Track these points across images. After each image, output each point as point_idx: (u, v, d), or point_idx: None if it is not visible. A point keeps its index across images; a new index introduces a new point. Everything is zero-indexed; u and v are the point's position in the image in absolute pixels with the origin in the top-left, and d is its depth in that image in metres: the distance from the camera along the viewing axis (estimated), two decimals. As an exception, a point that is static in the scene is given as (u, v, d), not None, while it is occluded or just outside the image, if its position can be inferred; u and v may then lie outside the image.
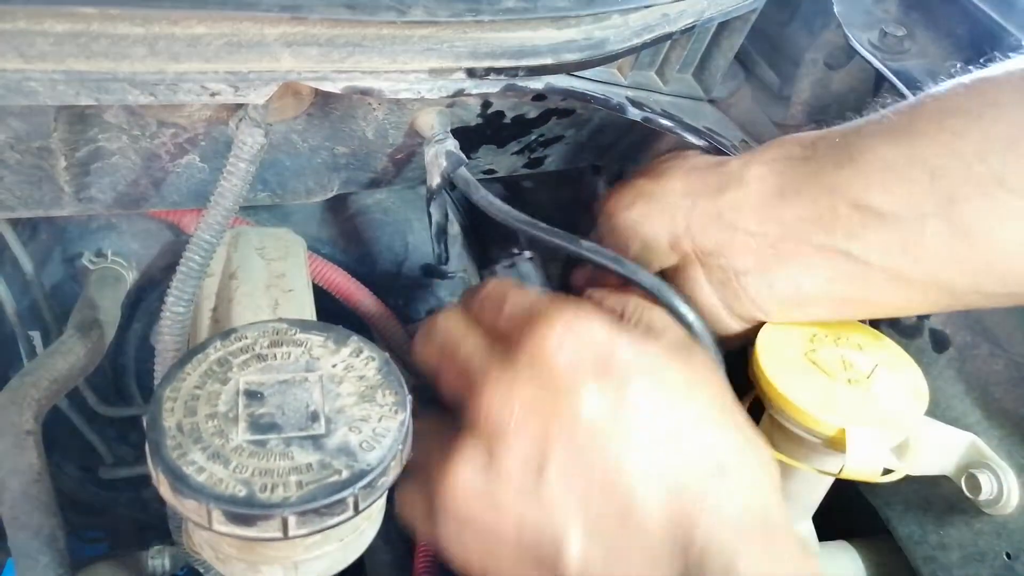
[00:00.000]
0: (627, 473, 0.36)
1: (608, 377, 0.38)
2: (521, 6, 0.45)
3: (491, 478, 0.37)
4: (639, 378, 0.38)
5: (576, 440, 0.37)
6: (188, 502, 0.32)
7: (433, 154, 0.53)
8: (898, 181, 0.44)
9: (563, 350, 0.38)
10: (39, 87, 0.40)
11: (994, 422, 0.51)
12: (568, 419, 0.37)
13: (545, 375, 0.37)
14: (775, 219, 0.48)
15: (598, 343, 0.39)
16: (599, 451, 0.37)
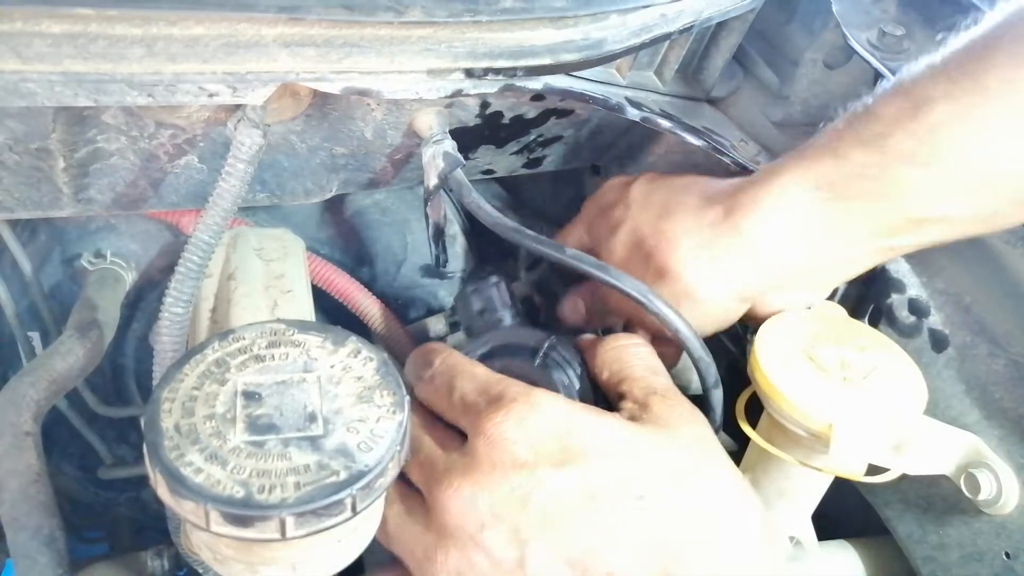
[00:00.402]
0: (602, 556, 0.37)
1: (569, 463, 0.38)
2: (519, 6, 0.45)
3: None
4: (600, 459, 0.38)
5: (549, 532, 0.37)
6: (186, 503, 0.32)
7: (431, 155, 0.53)
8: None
9: (519, 442, 0.38)
10: (37, 88, 0.40)
11: (993, 422, 0.51)
12: (537, 513, 0.37)
13: (507, 471, 0.38)
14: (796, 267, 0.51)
15: (554, 428, 0.39)
16: (573, 539, 0.37)
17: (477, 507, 0.38)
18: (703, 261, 0.50)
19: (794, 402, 0.46)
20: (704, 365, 0.49)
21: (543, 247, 0.49)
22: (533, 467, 0.38)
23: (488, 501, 0.38)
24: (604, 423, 0.40)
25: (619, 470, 0.38)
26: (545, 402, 0.40)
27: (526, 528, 0.37)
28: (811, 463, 0.49)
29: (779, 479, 0.53)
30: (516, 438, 0.39)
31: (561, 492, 0.37)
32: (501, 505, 0.38)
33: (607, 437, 0.39)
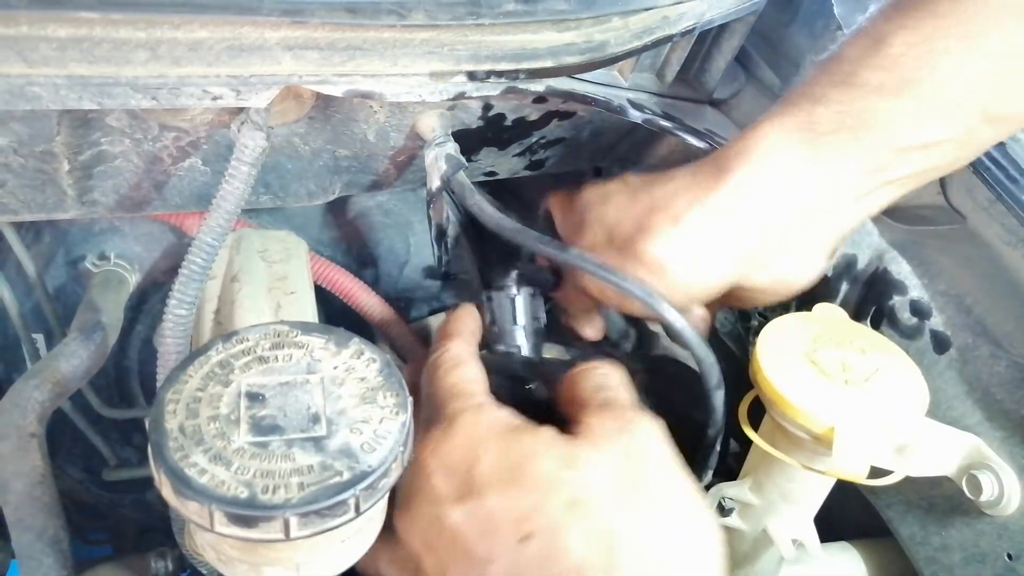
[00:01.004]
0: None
1: (469, 497, 0.38)
2: (521, 9, 0.45)
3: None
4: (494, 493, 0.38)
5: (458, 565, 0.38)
6: (190, 504, 0.32)
7: (433, 157, 0.53)
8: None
9: (435, 472, 0.40)
10: (42, 92, 0.41)
11: (995, 423, 0.51)
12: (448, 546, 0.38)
13: (423, 504, 0.40)
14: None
15: (462, 458, 0.39)
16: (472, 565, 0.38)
17: (414, 536, 0.40)
18: (687, 230, 0.49)
19: (796, 405, 0.46)
20: (707, 366, 0.49)
21: (546, 247, 0.49)
22: (441, 501, 0.39)
23: (417, 530, 0.40)
24: (512, 447, 0.39)
25: (508, 504, 0.38)
26: (466, 425, 0.40)
27: (442, 557, 0.39)
28: (814, 466, 0.49)
29: (782, 482, 0.53)
30: (433, 468, 0.40)
31: (460, 527, 0.38)
32: (426, 534, 0.39)
33: (510, 465, 0.39)
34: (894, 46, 0.46)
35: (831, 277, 0.59)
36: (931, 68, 0.45)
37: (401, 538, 0.41)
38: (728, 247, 0.49)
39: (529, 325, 0.54)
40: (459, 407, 0.41)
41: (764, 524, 0.54)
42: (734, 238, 0.49)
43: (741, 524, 0.56)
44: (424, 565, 0.40)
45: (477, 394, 0.43)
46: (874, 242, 0.57)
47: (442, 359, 0.46)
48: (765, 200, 0.48)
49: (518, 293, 0.54)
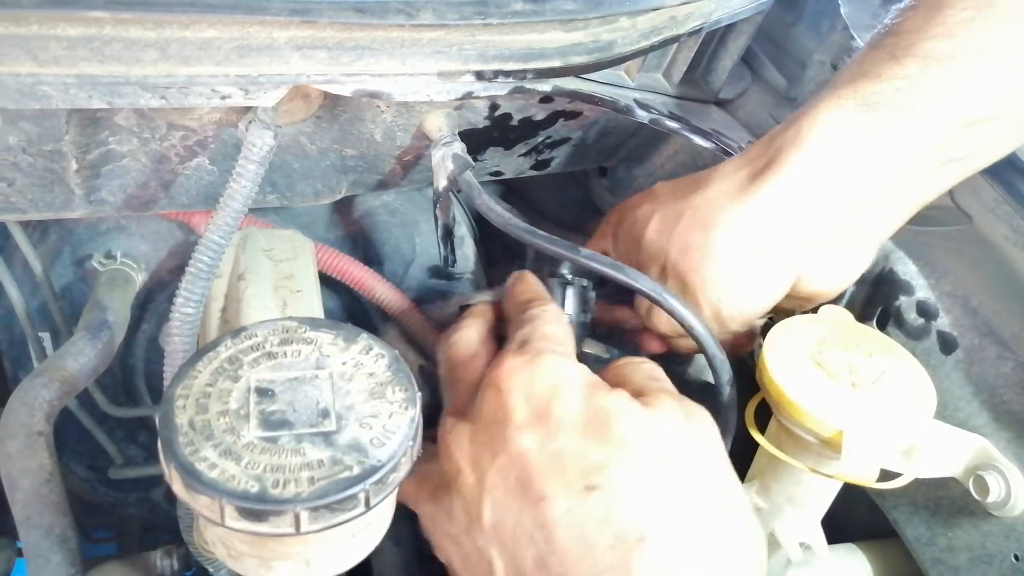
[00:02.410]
0: (544, 536, 0.36)
1: (542, 427, 0.38)
2: (529, 9, 0.45)
3: (454, 532, 0.40)
4: (570, 435, 0.38)
5: (506, 492, 0.38)
6: (201, 498, 0.32)
7: (440, 157, 0.53)
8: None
9: (510, 394, 0.39)
10: (52, 91, 0.41)
11: (1002, 424, 0.51)
12: (500, 469, 0.38)
13: (489, 422, 0.39)
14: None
15: (542, 390, 0.39)
16: (522, 510, 0.37)
17: (459, 451, 0.40)
18: (744, 226, 0.47)
19: (804, 409, 0.46)
20: (718, 363, 0.49)
21: (556, 248, 0.49)
22: (508, 422, 0.38)
23: (467, 447, 0.40)
24: (597, 399, 0.39)
25: (581, 451, 0.37)
26: (550, 363, 0.40)
27: (489, 479, 0.38)
28: (821, 469, 0.49)
29: (789, 485, 0.53)
30: (508, 389, 0.39)
31: (522, 455, 0.37)
32: (475, 454, 0.39)
33: (593, 413, 0.38)
34: (958, 13, 0.43)
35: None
36: (1001, 34, 0.43)
37: (444, 451, 0.40)
38: (777, 259, 0.47)
39: (575, 316, 0.54)
40: (547, 346, 0.41)
41: (771, 527, 0.54)
42: (790, 231, 0.46)
43: (747, 525, 0.56)
44: (462, 481, 0.39)
45: (567, 346, 0.43)
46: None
47: (544, 313, 0.45)
48: (822, 192, 0.46)
49: (571, 283, 0.54)
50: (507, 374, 0.40)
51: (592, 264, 0.48)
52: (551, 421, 0.38)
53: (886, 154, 0.45)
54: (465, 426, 0.40)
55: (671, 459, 0.38)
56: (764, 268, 0.47)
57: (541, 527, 0.36)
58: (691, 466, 0.38)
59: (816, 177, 0.46)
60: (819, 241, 0.47)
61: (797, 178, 0.46)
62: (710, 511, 0.37)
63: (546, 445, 0.37)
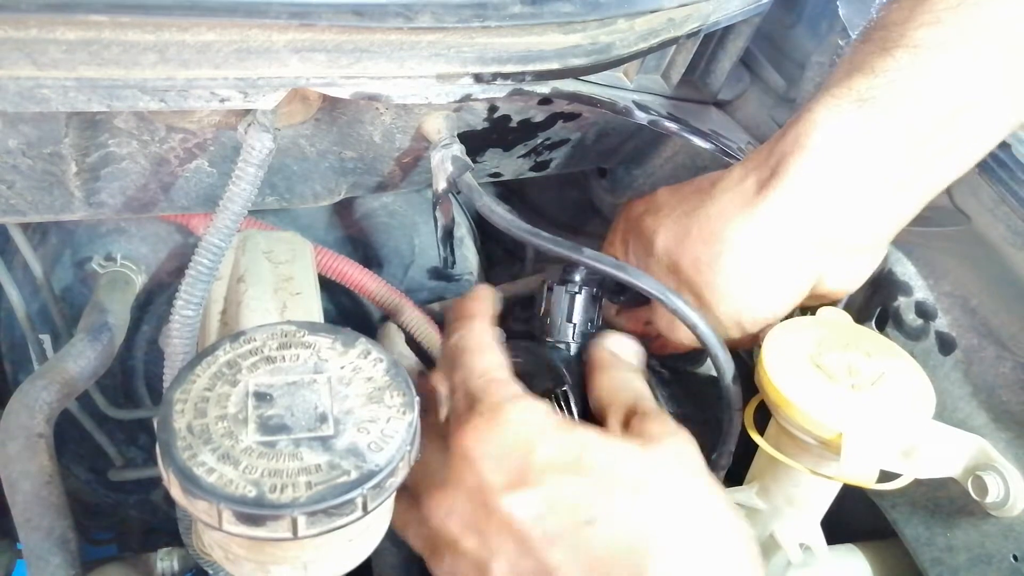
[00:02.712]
0: (561, 566, 0.37)
1: (524, 484, 0.38)
2: (527, 12, 0.45)
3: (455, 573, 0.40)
4: (554, 479, 0.38)
5: (506, 547, 0.38)
6: (199, 503, 0.32)
7: (439, 159, 0.53)
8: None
9: (483, 458, 0.39)
10: (51, 94, 0.41)
11: (1001, 424, 0.51)
12: (496, 529, 0.38)
13: (471, 489, 0.39)
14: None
15: (517, 445, 0.39)
16: (525, 557, 0.38)
17: (453, 520, 0.40)
18: (756, 236, 0.47)
19: (803, 410, 0.46)
20: (723, 363, 0.49)
21: (560, 248, 0.49)
22: (491, 489, 0.38)
23: (459, 515, 0.39)
24: (569, 437, 0.39)
25: (569, 491, 0.38)
26: (515, 416, 0.40)
27: (491, 541, 0.38)
28: (820, 471, 0.49)
29: (788, 487, 0.53)
30: (480, 455, 0.39)
31: (514, 513, 0.38)
32: (470, 518, 0.39)
33: (567, 454, 0.39)
34: (944, 1, 0.44)
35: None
36: (990, 15, 0.43)
37: (432, 521, 0.40)
38: (794, 265, 0.47)
39: (581, 324, 0.53)
40: (501, 396, 0.41)
41: (771, 529, 0.54)
42: (804, 235, 0.46)
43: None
44: (463, 546, 0.39)
45: (511, 383, 0.42)
46: (879, 243, 0.57)
47: (466, 342, 0.44)
48: (830, 194, 0.46)
49: (579, 291, 0.53)
50: (473, 442, 0.39)
51: (596, 264, 0.48)
52: (531, 476, 0.38)
53: (887, 148, 0.45)
54: (445, 498, 0.40)
55: (655, 480, 0.39)
56: (781, 275, 0.48)
57: (554, 570, 0.37)
58: (675, 483, 0.39)
59: (822, 180, 0.46)
60: (833, 241, 0.47)
61: (803, 183, 0.46)
62: (701, 517, 0.39)
63: (533, 499, 0.38)
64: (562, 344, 0.53)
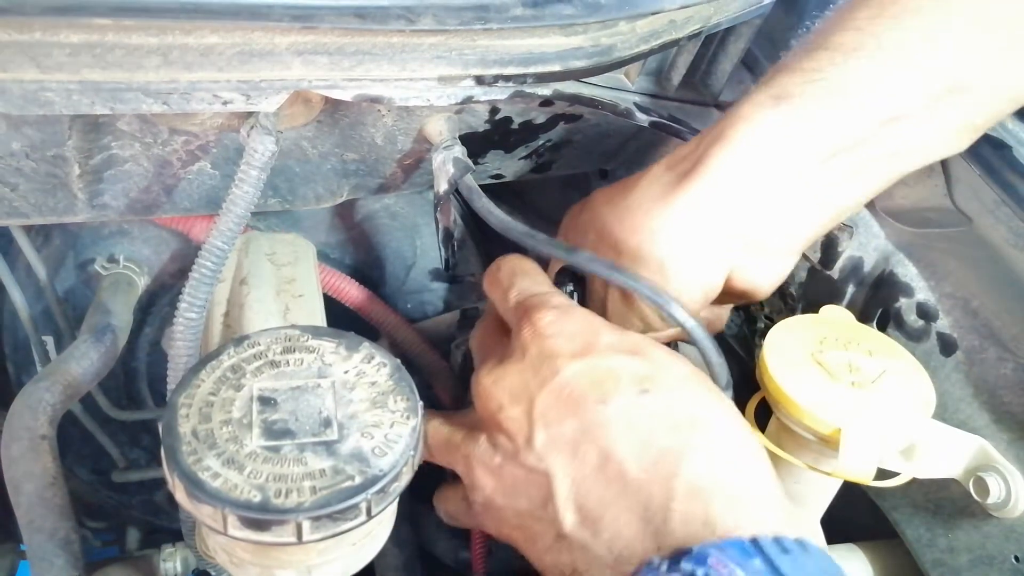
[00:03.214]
0: (604, 433, 0.39)
1: (590, 354, 0.41)
2: (529, 14, 0.45)
3: (496, 462, 0.42)
4: (617, 356, 0.42)
5: (556, 412, 0.40)
6: (203, 507, 0.32)
7: (441, 160, 0.53)
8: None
9: (553, 336, 0.42)
10: (55, 97, 0.41)
11: (1002, 425, 0.51)
12: (551, 395, 0.41)
13: (534, 358, 0.42)
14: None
15: (584, 328, 0.43)
16: (575, 419, 0.40)
17: (501, 388, 0.42)
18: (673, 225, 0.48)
19: (803, 407, 0.46)
20: (716, 366, 0.49)
21: (555, 250, 0.49)
22: (557, 355, 0.41)
23: (510, 383, 0.42)
24: (629, 334, 0.44)
25: (630, 366, 0.41)
26: (581, 312, 0.45)
27: (538, 408, 0.40)
28: (820, 467, 0.49)
29: (788, 483, 0.53)
30: (552, 332, 0.42)
31: (574, 377, 0.41)
32: (521, 387, 0.41)
33: (628, 342, 0.43)
34: (867, 7, 0.45)
35: (838, 279, 0.59)
36: (903, 28, 0.45)
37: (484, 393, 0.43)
38: (714, 236, 0.48)
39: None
40: (568, 301, 0.46)
41: (771, 526, 0.54)
42: (719, 226, 0.47)
43: (748, 526, 0.56)
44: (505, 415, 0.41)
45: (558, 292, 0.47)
46: (880, 244, 0.57)
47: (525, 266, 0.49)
48: (745, 188, 0.47)
49: (574, 292, 0.55)
50: (548, 323, 0.43)
51: (590, 266, 0.48)
52: (598, 349, 0.42)
53: (801, 148, 0.46)
54: (507, 367, 0.43)
55: (696, 378, 0.43)
56: (694, 266, 0.49)
57: (602, 424, 0.39)
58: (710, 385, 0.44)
59: (738, 174, 0.47)
60: (744, 237, 0.48)
61: (720, 177, 0.47)
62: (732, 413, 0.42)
63: (597, 366, 0.41)
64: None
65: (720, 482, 0.38)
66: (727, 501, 0.37)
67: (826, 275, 0.59)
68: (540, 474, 0.40)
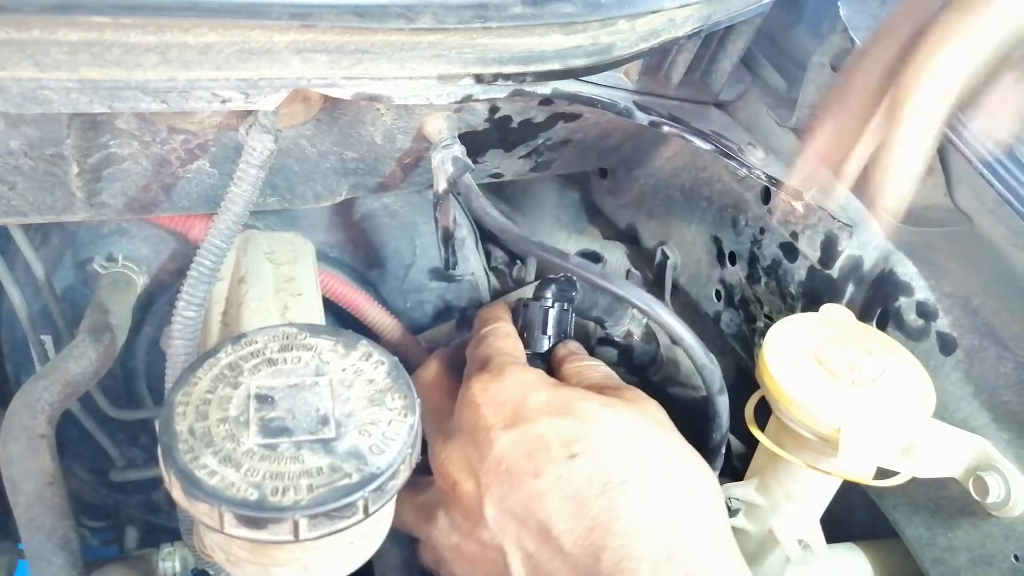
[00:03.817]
0: (541, 506, 0.40)
1: (519, 424, 0.43)
2: (528, 12, 0.45)
3: (454, 540, 0.44)
4: (545, 420, 0.43)
5: (498, 484, 0.42)
6: (200, 505, 0.32)
7: (440, 159, 0.53)
8: None
9: (484, 405, 0.44)
10: (53, 95, 0.41)
11: (1002, 425, 0.51)
12: (491, 467, 0.42)
13: (471, 431, 0.44)
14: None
15: (514, 394, 0.44)
16: (514, 491, 0.41)
17: (452, 464, 0.44)
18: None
19: (803, 405, 0.46)
20: (708, 372, 0.50)
21: (547, 254, 0.50)
22: (489, 428, 0.43)
23: (457, 458, 0.44)
24: (560, 391, 0.45)
25: (558, 430, 0.42)
26: (513, 373, 0.46)
27: (483, 482, 0.42)
28: (820, 466, 0.49)
29: (787, 482, 0.53)
30: (482, 401, 0.44)
31: (507, 449, 0.42)
32: (465, 462, 0.44)
33: (557, 401, 0.44)
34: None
35: (837, 278, 0.59)
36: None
37: (439, 469, 0.45)
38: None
39: (555, 337, 0.57)
40: (508, 361, 0.47)
41: (770, 525, 0.54)
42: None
43: (747, 525, 0.56)
44: (460, 490, 0.43)
45: (519, 358, 0.49)
46: (880, 243, 0.57)
47: (494, 330, 0.52)
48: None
49: (552, 306, 0.57)
50: (479, 391, 0.45)
51: (581, 272, 0.49)
52: (526, 416, 0.43)
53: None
54: (452, 442, 0.45)
55: (632, 427, 0.44)
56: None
57: (538, 497, 0.40)
58: (650, 431, 0.44)
59: None
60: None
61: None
62: (673, 460, 0.43)
63: (527, 435, 0.42)
64: (539, 354, 0.57)
65: (649, 548, 0.38)
66: (653, 568, 0.37)
67: (825, 274, 0.59)
68: (495, 550, 0.42)
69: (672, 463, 0.43)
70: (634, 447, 0.43)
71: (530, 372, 0.46)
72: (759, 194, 0.63)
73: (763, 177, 0.59)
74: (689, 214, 0.71)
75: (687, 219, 0.71)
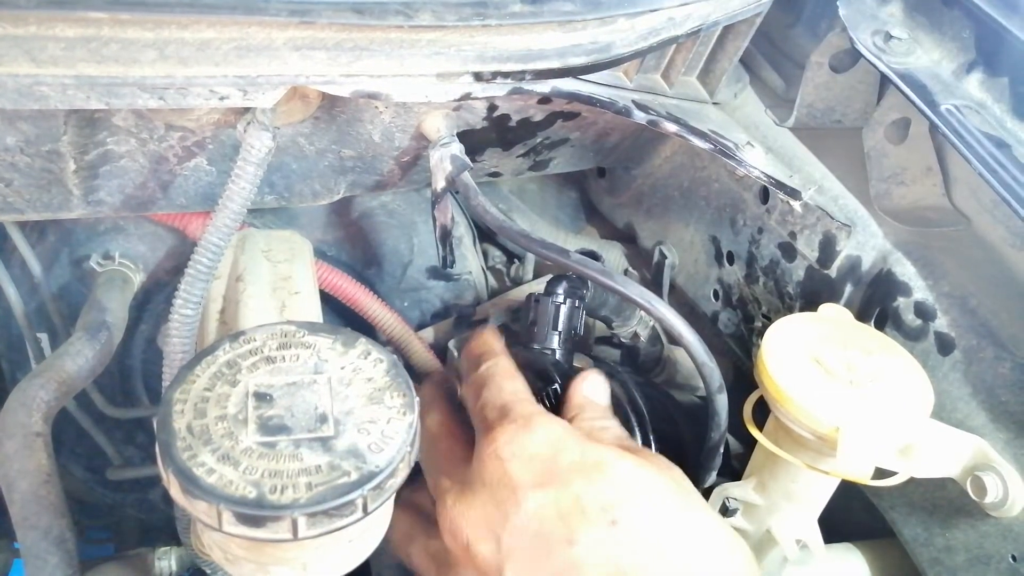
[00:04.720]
0: (581, 560, 0.38)
1: (551, 484, 0.40)
2: (528, 10, 0.45)
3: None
4: (580, 481, 0.40)
5: (525, 547, 0.39)
6: (198, 503, 0.32)
7: (438, 158, 0.53)
8: None
9: (510, 460, 0.41)
10: (50, 91, 0.41)
11: (999, 425, 0.51)
12: (517, 529, 0.39)
13: (495, 488, 0.41)
14: None
15: (544, 449, 0.41)
16: (551, 558, 0.39)
17: (467, 522, 0.40)
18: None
19: (801, 405, 0.46)
20: (708, 370, 0.50)
21: (547, 251, 0.50)
22: (517, 486, 0.40)
23: (475, 516, 0.40)
24: (592, 449, 0.42)
25: (596, 493, 0.40)
26: (542, 425, 0.42)
27: (506, 546, 0.39)
28: (818, 466, 0.49)
29: (786, 482, 0.53)
30: (508, 456, 0.41)
31: (538, 511, 0.39)
32: (485, 521, 0.40)
33: (592, 459, 0.41)
34: None
35: (836, 278, 0.59)
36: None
37: (446, 525, 0.41)
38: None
39: (565, 333, 0.58)
40: (533, 411, 0.43)
41: (768, 524, 0.54)
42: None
43: (745, 524, 0.56)
44: (475, 551, 0.40)
45: (537, 404, 0.45)
46: (879, 243, 0.57)
47: (495, 370, 0.48)
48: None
49: (563, 303, 0.57)
50: (505, 443, 0.41)
51: (582, 269, 0.49)
52: (559, 474, 0.40)
53: None
54: (470, 498, 0.41)
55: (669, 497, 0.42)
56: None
57: (574, 566, 0.38)
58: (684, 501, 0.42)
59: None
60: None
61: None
62: (710, 532, 0.41)
63: (561, 497, 0.39)
64: (548, 350, 0.57)
65: None
66: None
67: (824, 274, 0.59)
68: None
69: (710, 535, 0.41)
70: (677, 516, 0.41)
71: (557, 424, 0.43)
72: (757, 194, 0.63)
73: (761, 177, 0.59)
74: (687, 213, 0.71)
75: (685, 219, 0.71)
